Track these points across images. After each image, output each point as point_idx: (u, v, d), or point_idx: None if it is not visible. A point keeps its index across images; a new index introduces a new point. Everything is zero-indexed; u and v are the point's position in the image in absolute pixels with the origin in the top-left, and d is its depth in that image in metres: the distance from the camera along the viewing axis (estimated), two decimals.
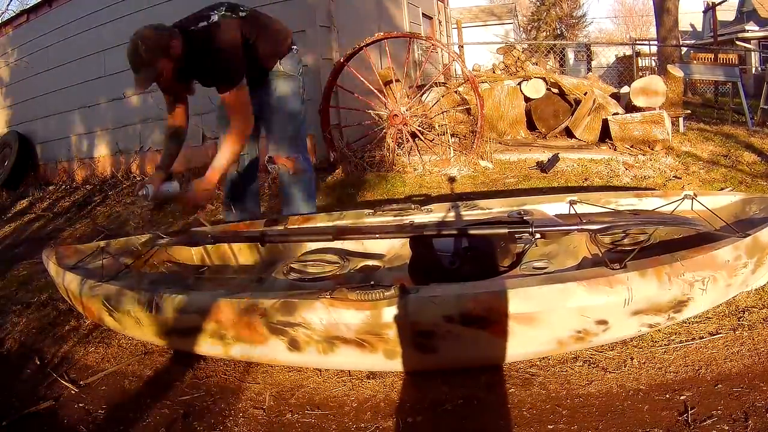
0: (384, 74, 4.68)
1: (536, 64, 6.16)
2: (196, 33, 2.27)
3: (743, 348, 1.61)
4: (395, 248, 2.37)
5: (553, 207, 2.34)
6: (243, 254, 2.51)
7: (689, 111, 5.76)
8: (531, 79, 5.45)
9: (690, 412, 1.37)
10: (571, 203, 2.29)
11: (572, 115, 5.27)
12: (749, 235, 1.68)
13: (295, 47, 2.62)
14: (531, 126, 5.63)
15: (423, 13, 8.01)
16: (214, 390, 1.78)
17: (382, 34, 4.53)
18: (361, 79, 4.44)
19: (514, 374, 1.64)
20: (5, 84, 7.17)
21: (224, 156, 2.34)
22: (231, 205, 2.83)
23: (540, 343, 1.59)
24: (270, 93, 2.56)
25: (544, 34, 23.75)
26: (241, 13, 2.40)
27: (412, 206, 2.46)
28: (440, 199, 3.47)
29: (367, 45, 4.38)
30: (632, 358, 1.63)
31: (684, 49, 10.87)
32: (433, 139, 4.70)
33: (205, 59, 2.26)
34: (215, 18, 2.31)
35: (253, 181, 2.87)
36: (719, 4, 11.92)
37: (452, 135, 4.78)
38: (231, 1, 2.44)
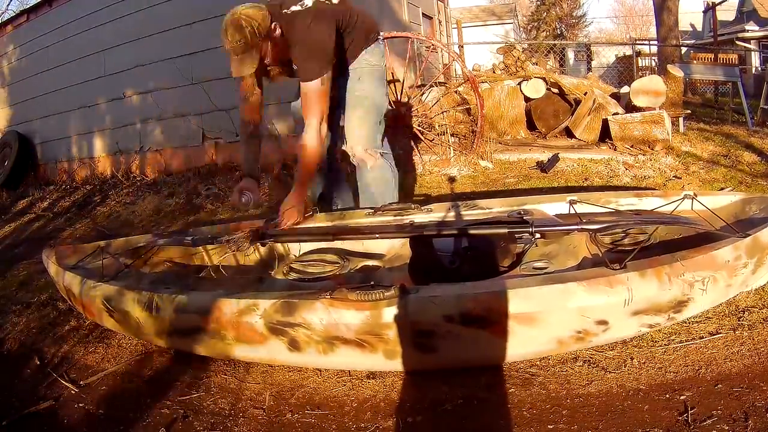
0: None
1: (536, 64, 6.16)
2: (289, 17, 2.12)
3: (743, 348, 1.61)
4: (395, 248, 2.37)
5: (553, 207, 2.34)
6: (242, 254, 2.51)
7: (689, 111, 5.75)
8: (531, 79, 5.44)
9: (690, 412, 1.37)
10: (571, 203, 2.29)
11: (572, 115, 5.27)
12: (749, 235, 1.68)
13: (380, 37, 2.51)
14: (531, 126, 5.63)
15: (423, 13, 8.00)
16: (214, 390, 1.78)
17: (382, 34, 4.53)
18: None
19: (514, 374, 1.64)
20: (5, 84, 7.17)
21: (304, 165, 2.22)
22: (321, 202, 2.72)
23: (540, 343, 1.59)
24: (353, 84, 2.43)
25: (544, 34, 23.75)
26: (334, 0, 2.27)
27: (412, 206, 2.46)
28: (440, 199, 3.47)
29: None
30: (632, 358, 1.63)
31: (684, 49, 10.87)
32: (433, 139, 4.70)
33: (295, 45, 2.11)
34: (309, 3, 2.16)
35: (338, 173, 2.75)
36: (719, 4, 11.92)
37: (452, 135, 4.78)
38: None
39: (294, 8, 2.15)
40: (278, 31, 2.07)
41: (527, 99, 5.51)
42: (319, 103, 2.19)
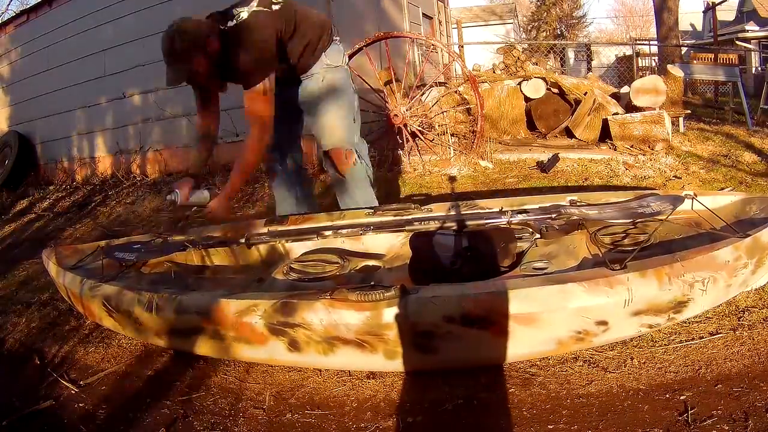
0: (384, 74, 4.68)
1: (536, 64, 6.15)
2: (226, 32, 2.14)
3: (743, 348, 1.61)
4: (395, 248, 2.37)
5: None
6: (243, 254, 2.51)
7: (689, 111, 5.75)
8: (531, 78, 5.44)
9: (690, 412, 1.37)
10: (572, 203, 2.29)
11: (572, 114, 5.27)
12: (749, 235, 1.68)
13: (337, 38, 2.49)
14: (531, 126, 5.63)
15: (423, 13, 7.99)
16: (214, 390, 1.78)
17: (382, 33, 4.53)
18: (361, 79, 4.44)
19: (514, 374, 1.65)
20: (5, 84, 7.17)
21: (239, 169, 2.24)
22: (281, 211, 2.71)
23: (540, 343, 1.59)
24: (318, 87, 2.41)
25: (544, 33, 23.74)
26: (274, 6, 2.23)
27: (412, 206, 2.46)
28: (440, 199, 3.46)
29: (368, 45, 4.38)
30: (632, 358, 1.63)
31: (684, 49, 10.86)
32: (433, 139, 4.70)
33: (234, 58, 2.13)
34: (245, 15, 2.16)
35: (304, 182, 2.75)
36: (719, 4, 11.89)
37: (452, 135, 4.78)
38: None
39: (230, 24, 2.16)
40: (215, 45, 2.10)
41: (527, 99, 5.50)
42: (262, 112, 2.20)
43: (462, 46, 9.26)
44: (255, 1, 2.20)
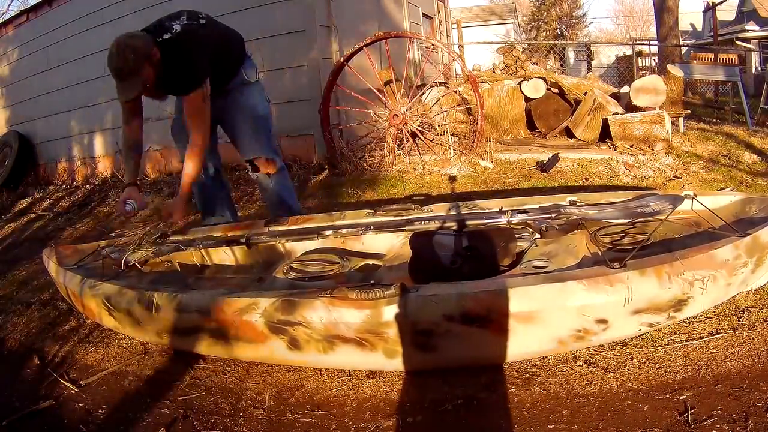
0: (384, 74, 4.68)
1: (536, 64, 6.16)
2: (164, 43, 2.24)
3: (743, 348, 1.61)
4: (395, 248, 2.37)
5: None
6: (243, 254, 2.51)
7: (689, 111, 5.75)
8: (531, 78, 5.44)
9: (690, 412, 1.37)
10: (571, 203, 2.29)
11: (572, 114, 5.27)
12: (749, 234, 1.68)
13: (249, 53, 2.65)
14: (531, 125, 5.63)
15: (423, 13, 8.00)
16: (214, 390, 1.78)
17: (382, 33, 4.53)
18: (361, 79, 4.44)
19: (514, 374, 1.65)
20: (5, 84, 7.17)
21: (189, 168, 2.35)
22: (206, 216, 2.86)
23: (540, 342, 1.59)
24: (237, 100, 2.57)
25: (544, 33, 23.74)
26: (201, 21, 2.40)
27: (412, 206, 2.46)
28: (440, 199, 3.46)
29: (367, 45, 4.38)
30: (632, 358, 1.63)
31: (684, 49, 10.86)
32: (433, 139, 4.70)
33: (174, 68, 2.24)
34: (178, 28, 2.30)
35: (224, 188, 2.90)
36: (719, 4, 11.89)
37: (452, 135, 4.78)
38: (190, 9, 2.42)
39: (166, 36, 2.27)
40: (158, 56, 2.20)
41: (527, 99, 5.51)
42: (203, 116, 2.33)
43: (462, 46, 9.27)
44: (184, 16, 2.35)
